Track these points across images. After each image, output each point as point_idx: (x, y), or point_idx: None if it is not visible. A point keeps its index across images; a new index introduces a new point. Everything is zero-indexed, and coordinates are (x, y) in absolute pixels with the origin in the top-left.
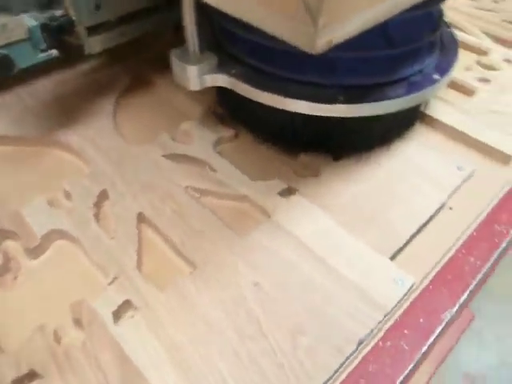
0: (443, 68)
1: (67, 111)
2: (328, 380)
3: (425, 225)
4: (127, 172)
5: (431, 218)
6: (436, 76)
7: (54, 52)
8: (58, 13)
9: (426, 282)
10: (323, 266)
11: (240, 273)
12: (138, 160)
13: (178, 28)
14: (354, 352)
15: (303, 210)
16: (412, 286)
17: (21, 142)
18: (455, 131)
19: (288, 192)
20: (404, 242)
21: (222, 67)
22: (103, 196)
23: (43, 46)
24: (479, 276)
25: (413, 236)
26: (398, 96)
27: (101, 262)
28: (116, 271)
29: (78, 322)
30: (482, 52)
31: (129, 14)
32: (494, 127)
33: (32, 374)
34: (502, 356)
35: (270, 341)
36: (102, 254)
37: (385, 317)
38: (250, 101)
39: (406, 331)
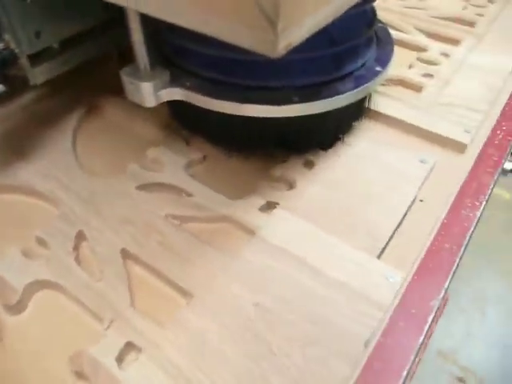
0: (383, 60)
1: (19, 150)
2: None
3: (402, 219)
4: (102, 209)
5: (406, 212)
6: (378, 68)
7: (0, 87)
8: (0, 46)
9: (411, 273)
10: (316, 273)
11: (238, 294)
12: (110, 195)
13: (121, 54)
14: (362, 353)
15: (285, 222)
16: (402, 280)
17: None
18: (409, 125)
19: (267, 207)
20: (387, 238)
21: (175, 81)
22: (80, 237)
23: None
24: (457, 260)
25: (394, 231)
26: (348, 90)
27: (93, 306)
28: (111, 314)
29: (80, 375)
30: (420, 49)
31: (71, 39)
32: (445, 119)
33: None
34: (468, 327)
35: (282, 358)
36: (92, 299)
37: (384, 314)
38: (207, 112)
39: (401, 324)
